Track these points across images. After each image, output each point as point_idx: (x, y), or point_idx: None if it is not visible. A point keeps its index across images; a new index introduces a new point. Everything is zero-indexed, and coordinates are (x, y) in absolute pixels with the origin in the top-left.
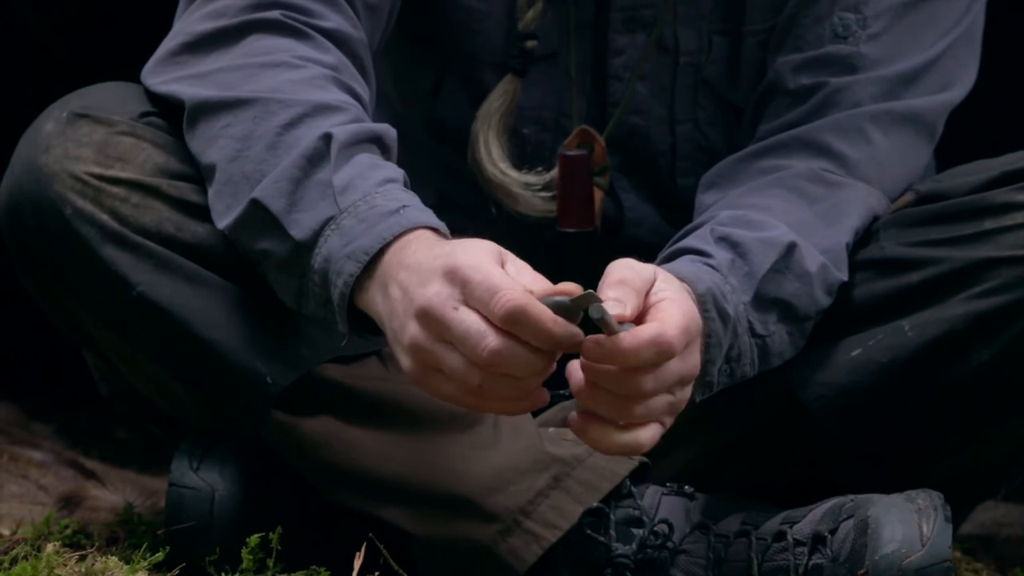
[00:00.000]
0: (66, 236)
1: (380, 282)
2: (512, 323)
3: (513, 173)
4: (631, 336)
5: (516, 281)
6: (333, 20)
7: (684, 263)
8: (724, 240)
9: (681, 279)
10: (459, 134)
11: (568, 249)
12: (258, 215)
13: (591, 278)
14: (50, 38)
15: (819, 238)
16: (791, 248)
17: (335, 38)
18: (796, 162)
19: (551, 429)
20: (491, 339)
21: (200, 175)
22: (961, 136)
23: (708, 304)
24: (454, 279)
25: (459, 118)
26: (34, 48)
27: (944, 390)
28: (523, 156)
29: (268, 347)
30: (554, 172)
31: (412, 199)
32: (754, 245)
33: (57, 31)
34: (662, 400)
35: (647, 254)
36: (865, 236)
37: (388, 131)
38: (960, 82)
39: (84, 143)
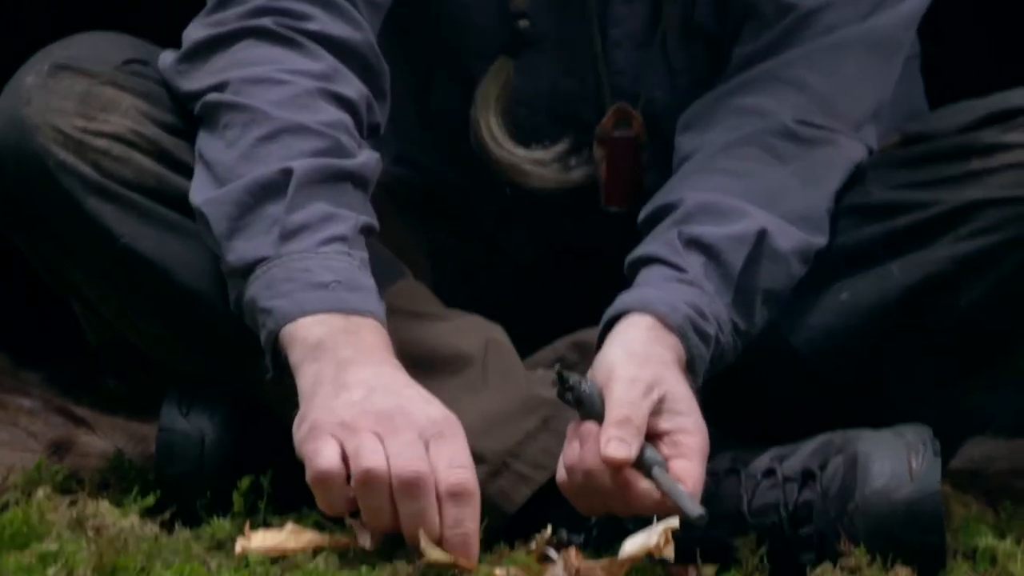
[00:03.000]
0: (50, 189)
1: (325, 348)
2: (454, 496)
3: (521, 152)
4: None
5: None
6: (328, 23)
7: (657, 284)
8: (693, 244)
9: (656, 314)
10: (453, 123)
11: (579, 218)
12: (203, 226)
13: (600, 244)
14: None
15: (795, 202)
16: (761, 236)
17: (330, 41)
18: (768, 100)
19: (540, 371)
20: (425, 467)
21: (184, 125)
22: (948, 79)
23: (687, 332)
24: (433, 424)
25: (452, 108)
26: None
27: (933, 331)
28: (524, 135)
29: None
30: (562, 145)
31: (350, 272)
32: (724, 244)
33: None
34: None
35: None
36: (850, 179)
37: (363, 167)
38: None
39: (66, 95)
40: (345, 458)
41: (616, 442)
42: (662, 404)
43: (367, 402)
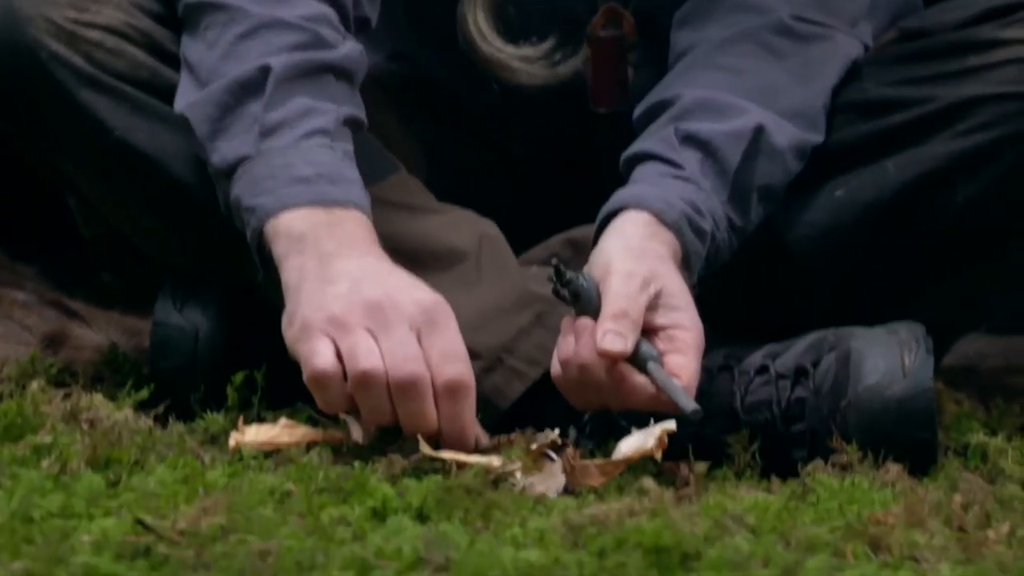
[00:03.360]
0: (43, 80)
1: (307, 242)
2: (450, 391)
3: (509, 48)
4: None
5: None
6: None
7: (654, 181)
8: (690, 139)
9: (652, 211)
10: (443, 19)
11: (570, 117)
12: (188, 130)
13: (593, 143)
14: None
15: (792, 99)
16: (758, 132)
17: None
18: None
19: (534, 267)
20: (421, 368)
21: (175, 17)
22: None
23: (683, 228)
24: (425, 311)
25: (441, 4)
26: None
27: (927, 228)
28: (511, 32)
29: None
30: (550, 42)
31: (332, 164)
32: (721, 140)
33: None
34: None
35: None
36: (847, 75)
37: (345, 59)
38: None
39: None
40: (340, 356)
41: (612, 335)
42: (658, 299)
43: (354, 294)
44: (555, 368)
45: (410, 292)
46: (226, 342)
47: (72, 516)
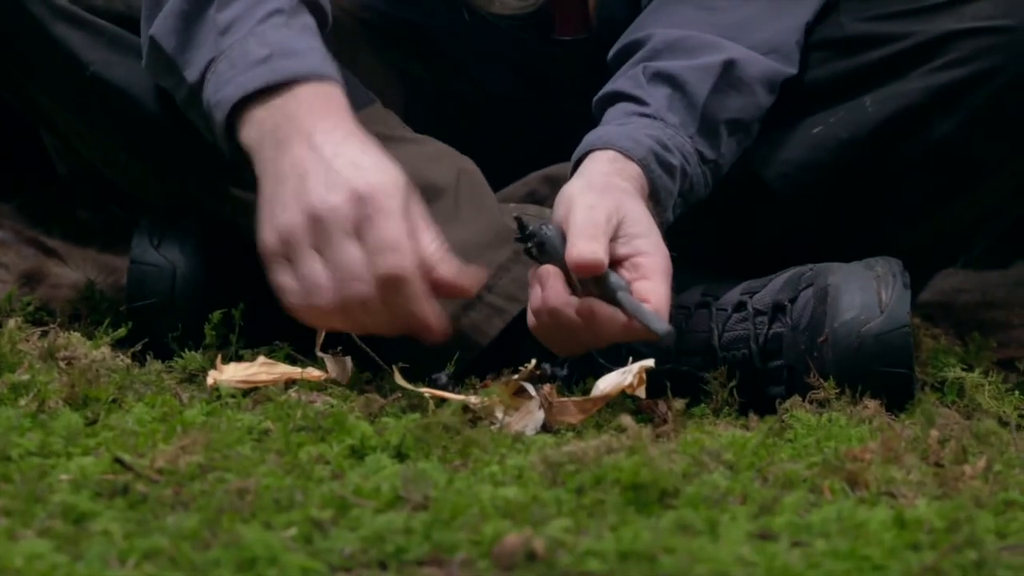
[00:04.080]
0: (17, 14)
1: (265, 131)
2: (387, 286)
3: None
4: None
5: (413, 244)
6: None
7: (620, 120)
8: (658, 76)
9: (618, 150)
10: None
11: (543, 50)
12: (156, 53)
13: (568, 77)
14: None
15: (764, 33)
16: (728, 65)
17: None
18: None
19: (511, 204)
20: (365, 287)
21: None
22: None
23: (651, 164)
24: (360, 204)
25: None
26: None
27: (904, 164)
28: None
29: None
30: None
31: (288, 39)
32: (689, 75)
33: None
34: None
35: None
36: (824, 10)
37: None
38: None
39: None
40: None
41: (583, 244)
42: (620, 229)
43: (296, 201)
44: (530, 319)
45: (349, 184)
46: (204, 280)
47: (50, 454)
